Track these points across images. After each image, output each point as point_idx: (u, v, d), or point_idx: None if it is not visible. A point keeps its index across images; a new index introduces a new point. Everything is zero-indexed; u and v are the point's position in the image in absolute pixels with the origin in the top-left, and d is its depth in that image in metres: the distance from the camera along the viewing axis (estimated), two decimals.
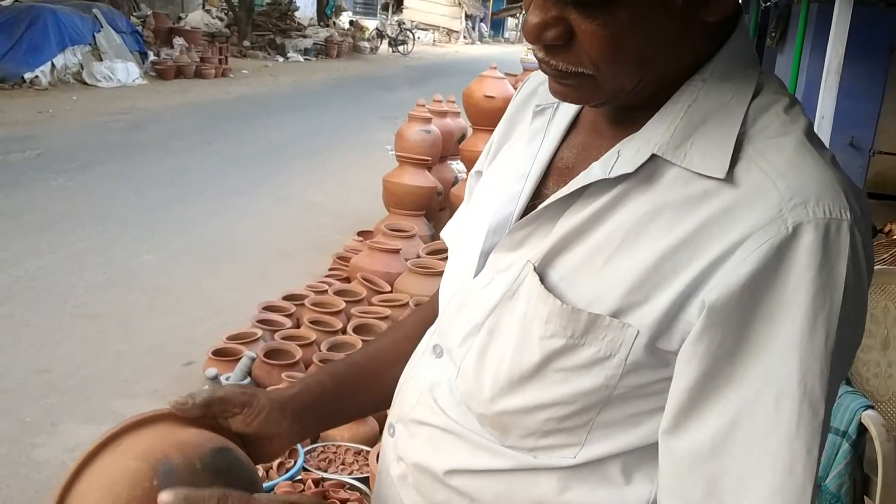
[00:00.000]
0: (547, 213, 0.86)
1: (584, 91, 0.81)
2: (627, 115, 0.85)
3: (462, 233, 1.02)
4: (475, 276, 0.93)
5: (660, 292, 0.76)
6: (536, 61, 0.84)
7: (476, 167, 1.11)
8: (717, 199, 0.75)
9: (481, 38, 38.01)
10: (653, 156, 0.79)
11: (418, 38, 30.05)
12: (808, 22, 8.48)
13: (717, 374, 0.74)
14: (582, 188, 0.83)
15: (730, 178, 0.76)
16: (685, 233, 0.76)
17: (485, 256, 0.93)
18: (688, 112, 0.80)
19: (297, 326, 4.00)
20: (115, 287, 4.99)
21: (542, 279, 0.84)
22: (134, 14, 17.60)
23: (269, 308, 4.12)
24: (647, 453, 0.82)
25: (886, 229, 6.63)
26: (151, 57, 15.28)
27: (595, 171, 0.82)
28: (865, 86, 8.65)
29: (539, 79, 1.02)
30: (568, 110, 0.96)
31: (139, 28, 16.11)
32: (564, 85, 0.82)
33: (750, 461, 0.73)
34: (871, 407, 2.26)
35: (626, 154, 0.81)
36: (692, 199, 0.77)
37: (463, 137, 6.29)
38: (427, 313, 1.13)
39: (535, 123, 0.98)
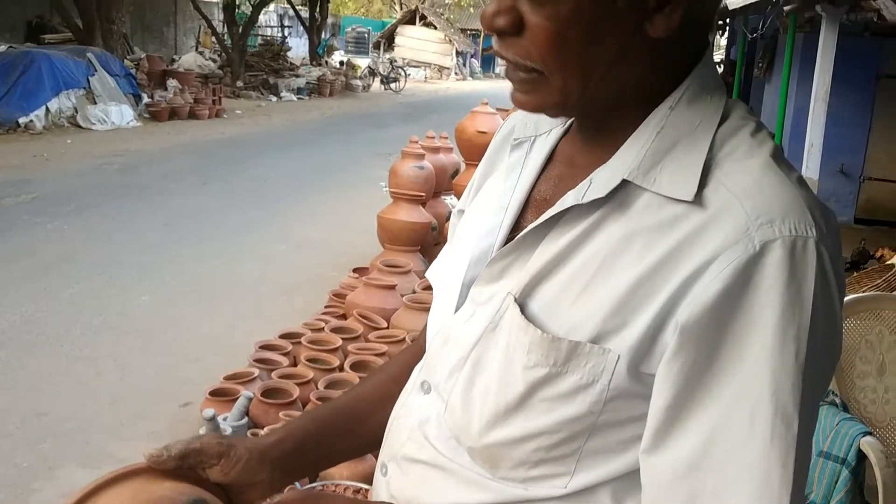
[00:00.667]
0: (525, 244, 0.88)
1: (539, 93, 0.84)
2: (600, 145, 0.87)
3: (445, 268, 1.03)
4: (457, 310, 0.95)
5: (637, 316, 0.77)
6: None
7: (458, 206, 1.13)
8: (688, 223, 0.77)
9: (472, 74, 38.31)
10: (625, 182, 0.81)
11: (410, 75, 30.28)
12: (794, 52, 8.58)
13: (691, 393, 0.75)
14: (558, 217, 0.85)
15: (699, 200, 0.77)
16: (658, 257, 0.77)
17: (466, 289, 0.95)
18: (656, 138, 0.82)
19: (295, 365, 4.00)
20: (112, 329, 4.99)
21: (523, 309, 0.85)
22: (128, 57, 17.75)
23: (265, 347, 4.12)
24: (636, 478, 0.83)
25: (878, 254, 6.67)
26: (145, 99, 15.39)
27: (569, 199, 0.84)
28: (853, 113, 8.75)
29: (518, 116, 1.04)
30: (545, 144, 0.98)
31: (133, 71, 16.25)
32: (522, 91, 0.85)
33: (727, 477, 0.74)
34: (870, 433, 2.26)
35: (599, 181, 0.83)
36: (664, 224, 0.78)
37: (456, 173, 6.33)
38: (413, 353, 1.14)
39: (513, 157, 1.00)
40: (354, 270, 5.47)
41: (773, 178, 0.78)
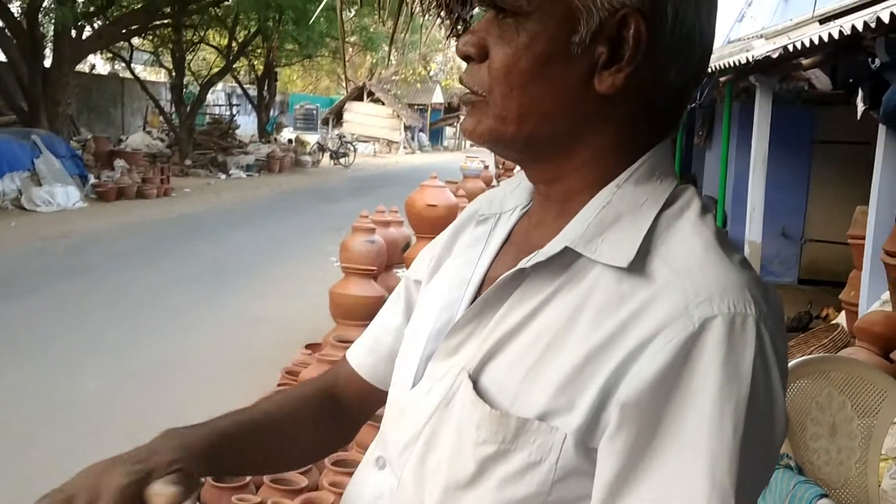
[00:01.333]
0: (480, 318, 0.88)
1: (478, 118, 0.87)
2: (555, 221, 0.88)
3: (405, 342, 1.03)
4: (414, 384, 0.94)
5: (583, 394, 0.78)
6: (476, 170, 0.89)
7: (412, 275, 1.13)
8: (633, 300, 0.78)
9: (421, 147, 38.74)
10: (575, 255, 0.82)
11: (359, 149, 30.53)
12: (731, 120, 8.87)
13: (632, 470, 0.75)
14: (511, 289, 0.86)
15: (643, 277, 0.79)
16: (604, 335, 0.78)
17: (424, 364, 0.95)
18: (601, 212, 0.84)
19: None
20: (57, 417, 4.84)
21: (476, 385, 0.85)
22: (74, 138, 17.64)
23: None
24: None
25: (824, 314, 6.81)
26: (92, 180, 15.23)
27: (515, 267, 0.86)
28: (792, 178, 9.02)
29: (483, 198, 1.06)
30: (507, 223, 0.99)
31: (79, 152, 16.12)
32: (467, 114, 0.88)
33: None
34: (826, 496, 2.28)
35: (544, 250, 0.85)
36: (611, 301, 0.79)
37: (408, 246, 6.35)
38: (327, 382, 1.14)
39: (477, 231, 1.01)
40: (307, 346, 5.40)
41: (715, 258, 0.79)
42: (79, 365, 5.73)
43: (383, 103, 36.18)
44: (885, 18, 4.20)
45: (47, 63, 16.71)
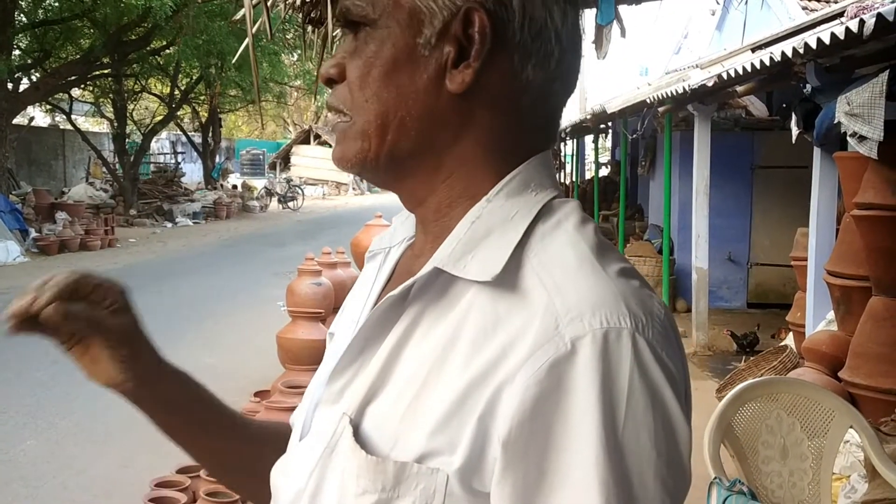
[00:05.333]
0: (361, 355, 0.83)
1: (345, 142, 0.85)
2: (431, 249, 0.83)
3: (306, 391, 0.98)
4: (301, 437, 0.89)
5: (460, 430, 0.73)
6: None
7: (331, 329, 1.09)
8: (510, 322, 0.73)
9: (370, 188, 38.74)
10: (452, 279, 0.78)
11: (307, 192, 30.44)
12: (672, 149, 9.01)
13: None
14: (392, 324, 0.81)
15: (514, 293, 0.75)
16: (483, 362, 0.73)
17: (313, 413, 0.89)
18: (471, 229, 0.80)
19: (194, 501, 3.78)
20: None
21: (357, 430, 0.79)
22: (13, 192, 17.29)
23: (161, 484, 3.89)
24: None
25: (782, 336, 6.86)
26: (33, 233, 14.95)
27: (384, 298, 0.82)
28: (734, 203, 9.17)
29: (376, 237, 1.02)
30: (395, 256, 0.95)
31: (19, 206, 15.82)
32: (336, 143, 0.86)
33: None
34: None
35: (417, 275, 0.80)
36: (488, 324, 0.75)
37: None
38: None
39: (367, 270, 0.98)
40: (255, 394, 5.29)
41: (588, 270, 0.75)
42: (16, 425, 5.54)
43: (331, 146, 36.06)
44: (813, 44, 4.30)
45: None
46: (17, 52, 18.30)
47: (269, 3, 2.48)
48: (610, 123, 14.35)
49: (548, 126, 0.86)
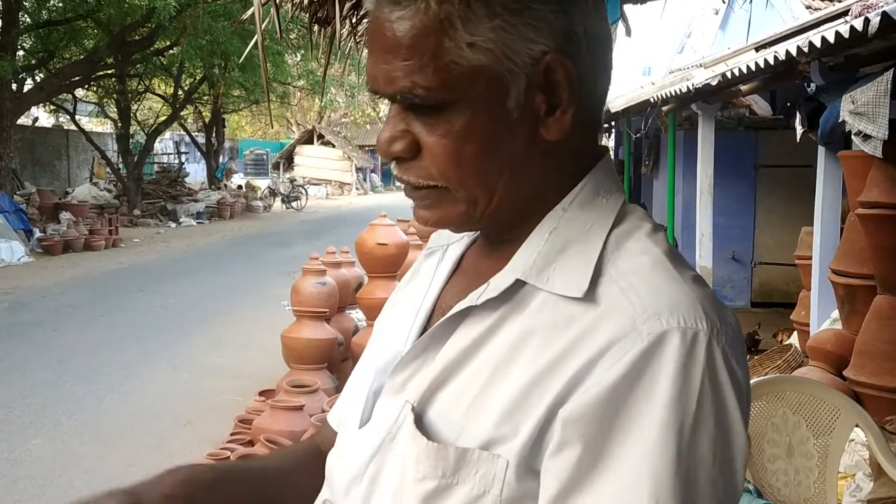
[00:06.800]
0: (426, 352, 0.86)
1: (443, 207, 0.84)
2: (502, 251, 0.86)
3: (355, 379, 1.01)
4: (361, 424, 0.91)
5: (528, 419, 0.75)
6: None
7: (378, 320, 1.11)
8: (581, 322, 0.76)
9: (373, 188, 38.76)
10: (522, 283, 0.80)
11: (311, 192, 30.44)
12: (676, 148, 9.01)
13: (574, 488, 0.72)
14: (457, 322, 0.83)
15: (592, 299, 0.76)
16: (549, 359, 0.75)
17: (372, 400, 0.91)
18: (549, 240, 0.82)
19: None
20: (2, 476, 4.65)
21: (421, 419, 0.81)
22: (17, 193, 17.32)
23: None
24: None
25: (780, 339, 6.86)
26: (37, 234, 14.97)
27: (465, 302, 0.83)
28: (738, 202, 9.15)
29: (434, 234, 1.04)
30: (454, 253, 0.97)
31: (23, 206, 15.84)
32: (424, 206, 0.85)
33: None
34: None
35: (495, 284, 0.82)
36: (558, 324, 0.77)
37: (360, 286, 6.29)
38: (314, 442, 1.11)
39: (426, 265, 1.00)
40: (260, 393, 5.30)
41: (664, 274, 0.77)
42: (22, 424, 5.54)
43: (334, 146, 36.21)
44: (818, 43, 4.30)
45: None
46: (21, 52, 18.33)
47: (277, 1, 2.49)
48: (613, 123, 14.34)
49: (601, 123, 0.89)
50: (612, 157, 18.65)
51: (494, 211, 0.83)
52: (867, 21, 3.72)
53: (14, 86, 16.95)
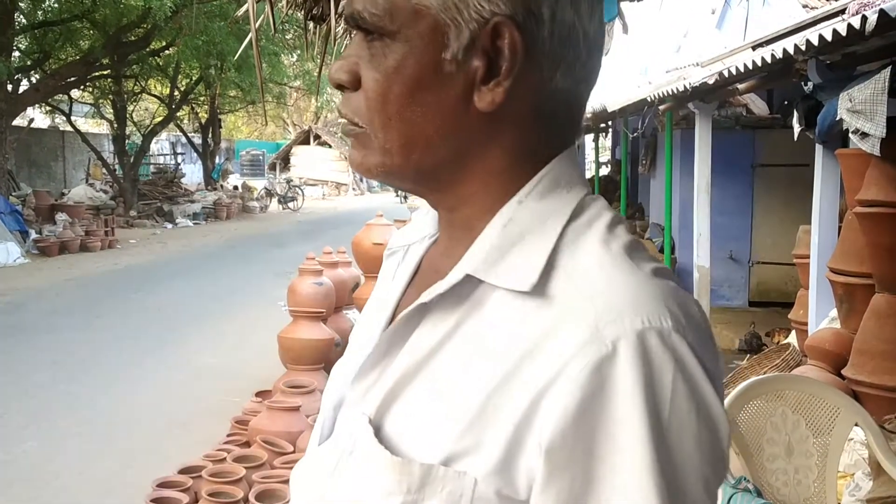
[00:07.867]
0: (386, 357, 0.82)
1: (363, 152, 0.81)
2: (460, 247, 0.81)
3: (327, 388, 0.96)
4: (321, 441, 0.88)
5: (490, 432, 0.71)
6: (420, 206, 0.83)
7: (353, 330, 1.08)
8: (537, 322, 0.72)
9: (370, 188, 38.74)
10: (478, 281, 0.76)
11: (307, 193, 30.42)
12: (673, 148, 8.99)
13: None
14: (414, 324, 0.79)
15: (544, 294, 0.73)
16: (510, 364, 0.71)
17: (334, 411, 0.88)
18: (503, 232, 0.78)
19: (196, 501, 3.77)
20: None
21: (379, 431, 0.77)
22: (13, 194, 17.27)
23: (163, 485, 3.88)
24: None
25: (776, 339, 6.86)
26: (33, 235, 14.93)
27: (418, 300, 0.79)
28: (735, 202, 9.15)
29: (396, 233, 1.01)
30: (416, 253, 0.93)
31: (19, 207, 15.80)
32: (353, 146, 0.82)
33: None
34: None
35: (447, 279, 0.78)
36: (513, 324, 0.73)
37: (357, 286, 6.28)
38: None
39: (386, 268, 0.96)
40: (257, 394, 5.28)
41: (624, 270, 0.73)
42: (16, 427, 5.52)
43: (330, 146, 36.20)
44: (815, 41, 4.29)
45: None
46: (16, 53, 18.27)
47: None
48: (610, 122, 14.33)
49: (573, 124, 0.84)
50: (610, 156, 18.69)
51: (415, 169, 0.80)
52: (864, 18, 3.70)
53: (10, 87, 16.90)
